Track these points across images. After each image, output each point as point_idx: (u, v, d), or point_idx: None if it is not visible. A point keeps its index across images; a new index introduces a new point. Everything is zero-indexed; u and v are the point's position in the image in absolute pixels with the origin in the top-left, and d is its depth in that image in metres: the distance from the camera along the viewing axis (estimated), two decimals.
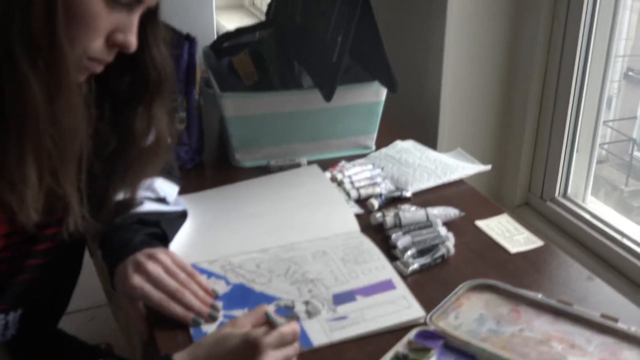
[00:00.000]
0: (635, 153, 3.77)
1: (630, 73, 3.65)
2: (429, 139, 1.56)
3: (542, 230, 1.55)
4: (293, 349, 0.82)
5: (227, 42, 1.52)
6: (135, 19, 0.85)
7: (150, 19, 0.90)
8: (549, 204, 1.64)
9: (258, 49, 1.36)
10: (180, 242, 1.08)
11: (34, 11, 0.77)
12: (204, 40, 1.54)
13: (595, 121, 1.58)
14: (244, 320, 0.84)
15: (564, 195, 1.64)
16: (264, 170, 1.35)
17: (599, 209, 1.58)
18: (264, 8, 3.43)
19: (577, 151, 1.60)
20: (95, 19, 0.81)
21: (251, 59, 1.34)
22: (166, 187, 1.13)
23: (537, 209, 1.68)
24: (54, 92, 0.81)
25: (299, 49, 1.40)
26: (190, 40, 1.27)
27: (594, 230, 1.52)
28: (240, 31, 1.56)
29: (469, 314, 0.94)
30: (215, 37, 2.81)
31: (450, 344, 0.88)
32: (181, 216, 1.12)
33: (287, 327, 0.81)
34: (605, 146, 3.25)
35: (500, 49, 1.60)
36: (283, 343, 0.81)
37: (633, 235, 1.45)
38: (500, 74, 1.63)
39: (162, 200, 1.10)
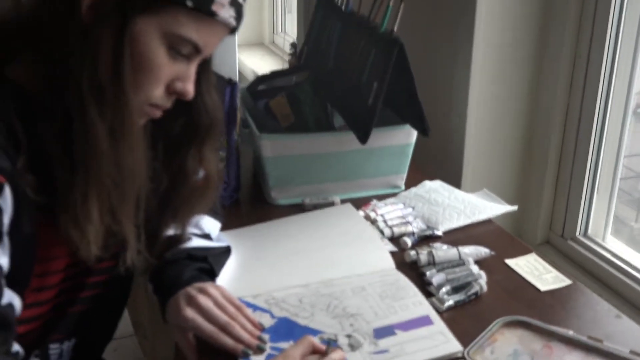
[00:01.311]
0: None
1: (638, 110, 3.71)
2: (454, 179, 1.62)
3: (564, 268, 1.60)
4: None
5: (263, 85, 1.59)
6: (193, 68, 0.92)
7: (203, 67, 0.97)
8: (570, 243, 1.69)
9: (295, 92, 1.43)
10: (225, 277, 1.13)
11: (103, 62, 0.84)
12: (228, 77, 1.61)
13: (615, 163, 1.63)
14: (293, 352, 0.89)
15: (585, 234, 1.69)
16: (298, 208, 1.41)
17: (619, 248, 1.62)
18: (284, 46, 3.54)
19: (597, 192, 1.66)
20: (158, 69, 0.88)
21: (288, 102, 1.41)
22: (210, 224, 1.19)
23: (558, 247, 1.73)
24: (119, 136, 0.87)
25: (332, 92, 1.47)
26: (232, 84, 1.34)
27: (614, 269, 1.57)
28: (274, 74, 1.63)
29: (504, 349, 0.98)
30: (238, 73, 2.89)
31: None
32: (225, 252, 1.18)
33: (337, 355, 0.87)
34: None
35: (523, 91, 1.66)
36: None
37: None
38: (523, 116, 1.69)
39: (206, 236, 1.16)
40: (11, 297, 0.86)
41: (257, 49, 3.81)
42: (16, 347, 0.85)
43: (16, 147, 0.84)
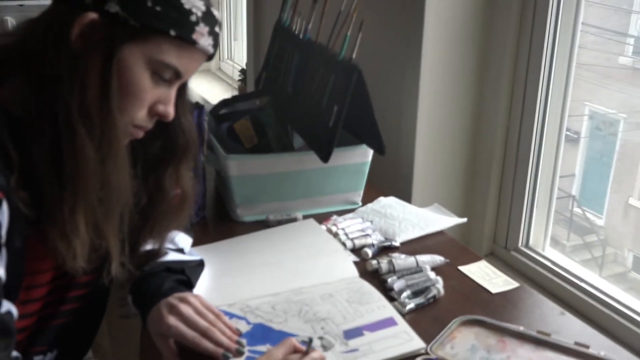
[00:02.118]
0: (575, 209, 4.00)
1: (567, 132, 3.91)
2: (405, 195, 1.72)
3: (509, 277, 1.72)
4: None
5: (225, 109, 1.67)
6: (173, 92, 1.00)
7: (180, 92, 1.04)
8: (513, 253, 1.82)
9: (258, 116, 1.51)
10: (201, 288, 1.19)
11: (92, 87, 0.91)
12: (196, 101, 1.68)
13: (552, 179, 1.78)
14: (276, 352, 0.97)
15: (526, 245, 1.82)
16: (262, 225, 1.48)
17: (558, 257, 1.76)
18: (233, 73, 3.61)
19: (536, 206, 1.79)
20: (142, 92, 0.95)
21: (252, 125, 1.49)
22: (183, 239, 1.25)
23: (502, 258, 1.85)
24: (106, 156, 0.93)
25: (292, 115, 1.56)
26: (199, 107, 1.41)
27: (554, 275, 1.70)
28: (236, 98, 1.71)
29: (462, 345, 1.08)
30: (195, 102, 2.95)
31: None
32: (200, 265, 1.24)
33: (316, 354, 0.94)
34: None
35: (466, 115, 1.79)
36: None
37: (589, 279, 1.63)
38: (467, 138, 1.82)
39: (180, 250, 1.23)
40: (9, 306, 0.90)
41: (204, 75, 3.87)
42: (15, 353, 0.89)
43: (8, 165, 0.89)
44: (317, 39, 1.53)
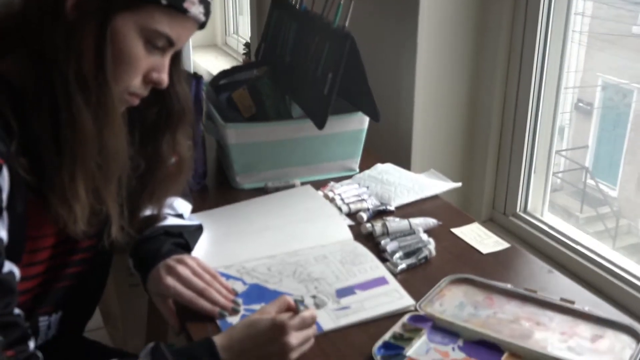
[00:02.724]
0: (589, 181, 4.00)
1: (580, 104, 3.88)
2: (404, 162, 1.75)
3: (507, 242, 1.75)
4: (312, 331, 0.99)
5: (224, 80, 1.69)
6: (166, 60, 1.03)
7: (174, 60, 1.07)
8: (512, 219, 1.84)
9: (256, 85, 1.54)
10: (199, 252, 1.23)
11: (87, 56, 0.94)
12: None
13: (550, 145, 1.79)
14: (269, 309, 1.01)
15: (525, 210, 1.85)
16: (261, 191, 1.52)
17: (555, 222, 1.78)
18: (237, 47, 3.63)
19: (534, 172, 1.81)
20: (136, 61, 0.98)
21: (249, 94, 1.52)
22: (182, 205, 1.29)
23: (501, 223, 1.88)
24: (102, 122, 0.97)
25: (290, 84, 1.59)
26: (197, 77, 1.44)
27: (552, 240, 1.72)
28: (235, 69, 1.74)
29: (451, 302, 1.12)
30: (192, 73, 2.99)
31: (437, 325, 1.06)
32: (198, 229, 1.28)
33: (307, 313, 0.98)
34: (560, 175, 3.44)
35: (465, 81, 1.81)
36: (304, 326, 0.97)
37: (584, 242, 1.65)
38: (465, 105, 1.84)
39: (180, 216, 1.27)
40: (11, 267, 0.95)
41: (210, 50, 3.90)
42: (17, 310, 0.93)
43: (9, 133, 0.93)
44: (313, 9, 1.55)
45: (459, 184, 1.55)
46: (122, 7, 0.94)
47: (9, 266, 0.94)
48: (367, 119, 1.54)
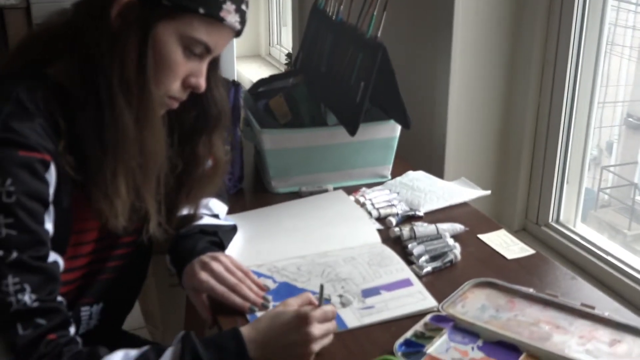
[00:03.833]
0: (638, 197, 3.93)
1: (629, 119, 3.83)
2: (437, 170, 1.79)
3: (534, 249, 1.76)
4: (333, 325, 1.03)
5: (262, 88, 1.76)
6: (204, 66, 1.09)
7: (212, 66, 1.13)
8: (544, 229, 1.86)
9: (292, 93, 1.60)
10: (233, 250, 1.29)
11: (130, 61, 1.01)
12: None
13: (583, 155, 1.80)
14: (292, 301, 1.06)
15: (557, 220, 1.86)
16: (295, 196, 1.57)
17: (588, 232, 1.79)
18: (280, 57, 3.71)
19: (567, 182, 1.83)
20: (175, 66, 1.04)
21: (286, 101, 1.58)
22: (218, 206, 1.35)
23: (533, 233, 1.90)
24: (143, 123, 1.03)
25: (325, 92, 1.64)
26: (235, 85, 1.51)
27: (585, 251, 1.73)
28: (272, 78, 1.80)
29: (473, 304, 1.15)
30: (231, 80, 3.08)
31: (458, 326, 1.09)
32: (232, 229, 1.34)
33: (329, 307, 1.03)
34: (608, 191, 3.40)
35: (499, 92, 1.84)
36: (326, 319, 1.02)
37: (618, 254, 1.66)
38: (498, 114, 1.87)
39: (216, 216, 1.33)
40: (55, 257, 1.02)
41: (254, 60, 3.99)
42: (60, 297, 1.00)
43: (57, 132, 1.01)
44: (348, 20, 1.60)
45: (488, 192, 1.57)
46: (163, 16, 1.01)
47: (53, 256, 1.01)
48: (398, 127, 1.58)
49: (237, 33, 1.09)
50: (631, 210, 3.57)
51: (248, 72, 3.71)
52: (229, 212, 1.41)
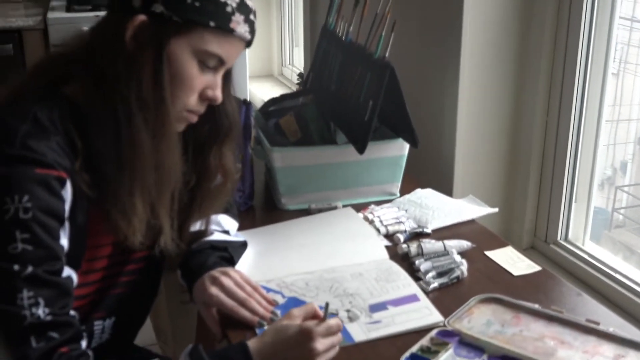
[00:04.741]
0: None
1: None
2: (446, 188, 1.80)
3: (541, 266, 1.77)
4: (337, 338, 1.05)
5: (273, 107, 1.79)
6: (219, 78, 1.12)
7: (225, 79, 1.16)
8: (553, 247, 1.87)
9: (302, 112, 1.63)
10: (243, 266, 1.31)
11: (146, 79, 1.04)
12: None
13: (591, 174, 1.82)
14: (296, 312, 1.08)
15: (566, 239, 1.87)
16: (305, 213, 1.59)
17: (597, 251, 1.80)
18: (292, 77, 3.75)
19: (575, 201, 1.84)
20: (191, 80, 1.08)
21: (296, 120, 1.61)
22: (229, 223, 1.38)
23: (542, 251, 1.91)
24: (159, 141, 1.06)
25: (334, 111, 1.67)
26: (247, 104, 1.54)
27: (594, 270, 1.74)
28: (283, 97, 1.84)
29: (479, 320, 1.16)
30: (242, 100, 3.12)
31: (464, 340, 1.11)
32: (242, 245, 1.36)
33: (333, 321, 1.05)
34: (622, 211, 3.39)
35: (507, 110, 1.86)
36: (330, 333, 1.04)
37: (629, 274, 1.66)
38: (506, 133, 1.89)
39: (226, 232, 1.35)
40: (70, 272, 1.05)
41: (266, 80, 4.03)
42: (72, 312, 1.03)
43: (74, 150, 1.04)
44: (357, 40, 1.64)
45: (496, 209, 1.59)
46: (174, 33, 1.04)
47: (68, 272, 1.03)
48: (407, 145, 1.61)
49: (248, 43, 1.12)
50: None
51: (261, 91, 3.75)
52: (240, 228, 1.43)
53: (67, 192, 1.01)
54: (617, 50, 2.31)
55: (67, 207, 1.02)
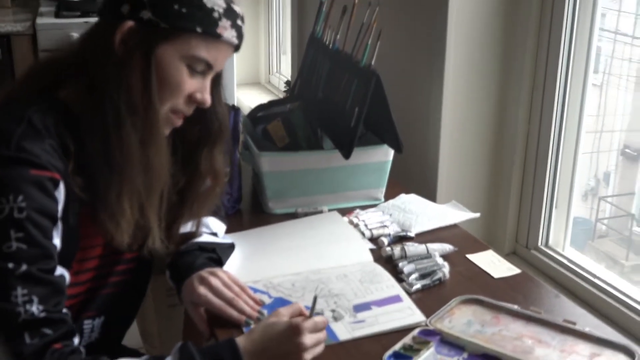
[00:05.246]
0: (635, 228, 3.97)
1: (627, 150, 3.88)
2: (430, 194, 1.84)
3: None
4: (323, 334, 1.09)
5: (261, 112, 1.83)
6: (208, 82, 1.14)
7: (215, 82, 1.19)
8: (533, 252, 1.91)
9: (289, 117, 1.66)
10: (230, 267, 1.34)
11: (135, 84, 1.07)
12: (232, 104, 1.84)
13: (571, 181, 1.86)
14: (283, 311, 1.11)
15: (546, 244, 1.91)
16: (292, 216, 1.62)
17: (576, 256, 1.84)
18: (279, 85, 3.79)
19: (556, 207, 1.88)
20: (180, 84, 1.10)
21: (283, 126, 1.65)
22: (217, 225, 1.41)
23: (523, 256, 1.95)
24: (147, 142, 1.09)
25: (321, 117, 1.70)
26: (235, 109, 1.57)
27: (573, 274, 1.78)
28: (271, 103, 1.87)
29: (459, 320, 1.20)
30: (231, 105, 3.15)
31: (445, 339, 1.14)
32: (230, 247, 1.39)
33: (320, 318, 1.08)
34: (605, 221, 3.44)
35: (490, 119, 1.90)
36: (317, 329, 1.07)
37: (608, 279, 1.70)
38: (489, 141, 1.93)
39: (214, 234, 1.38)
40: (62, 271, 1.07)
41: (254, 87, 4.07)
42: (65, 309, 1.05)
43: (66, 154, 1.06)
44: (344, 48, 1.68)
45: (477, 214, 1.63)
46: (163, 39, 1.07)
47: (60, 270, 1.06)
48: (391, 151, 1.65)
49: (236, 48, 1.15)
50: (629, 241, 3.59)
51: (248, 98, 3.78)
52: (227, 231, 1.46)
53: (60, 193, 1.04)
54: (601, 63, 2.36)
55: (60, 207, 1.04)
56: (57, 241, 1.04)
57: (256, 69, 4.16)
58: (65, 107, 1.10)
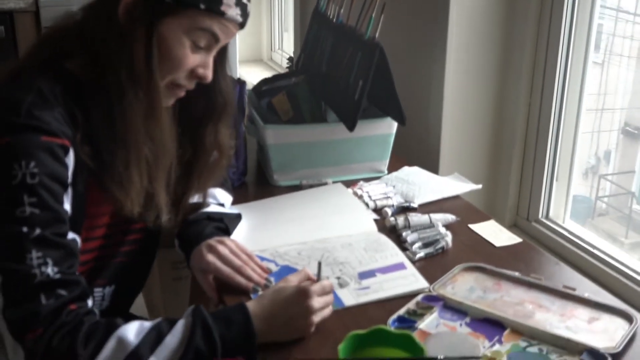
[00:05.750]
0: (635, 206, 3.99)
1: (627, 128, 3.90)
2: (432, 166, 1.87)
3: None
4: (330, 297, 1.12)
5: (266, 86, 1.84)
6: (211, 57, 1.16)
7: (220, 57, 1.20)
8: (534, 224, 1.94)
9: (294, 91, 1.68)
10: (238, 237, 1.37)
11: (137, 56, 1.08)
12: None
13: (572, 154, 1.89)
14: (292, 278, 1.14)
15: (547, 217, 1.94)
16: (296, 189, 1.65)
17: (576, 228, 1.87)
18: (282, 62, 3.80)
19: (557, 179, 1.91)
20: (182, 59, 1.11)
21: (288, 99, 1.66)
22: (224, 196, 1.43)
23: (524, 228, 1.98)
24: (150, 114, 1.11)
25: (325, 91, 1.72)
26: (241, 83, 1.59)
27: (572, 245, 1.81)
28: (276, 77, 1.89)
29: (462, 286, 1.23)
30: (237, 78, 3.16)
31: (448, 305, 1.17)
32: (237, 217, 1.42)
33: (327, 282, 1.11)
34: (605, 199, 3.46)
35: (492, 92, 1.92)
36: (324, 292, 1.10)
37: (607, 250, 1.74)
38: (492, 114, 1.95)
39: (221, 205, 1.41)
40: (74, 236, 1.09)
41: (256, 65, 4.08)
42: (77, 273, 1.08)
43: (74, 122, 1.08)
44: (348, 22, 1.69)
45: (479, 186, 1.65)
46: (167, 13, 1.07)
47: (72, 235, 1.08)
48: (395, 124, 1.67)
49: (241, 25, 1.15)
50: (628, 218, 3.62)
51: (250, 76, 3.79)
52: (233, 203, 1.49)
53: (70, 160, 1.06)
54: (602, 41, 2.37)
55: (69, 173, 1.06)
56: (67, 206, 1.07)
57: (258, 46, 4.17)
58: (73, 77, 1.11)
